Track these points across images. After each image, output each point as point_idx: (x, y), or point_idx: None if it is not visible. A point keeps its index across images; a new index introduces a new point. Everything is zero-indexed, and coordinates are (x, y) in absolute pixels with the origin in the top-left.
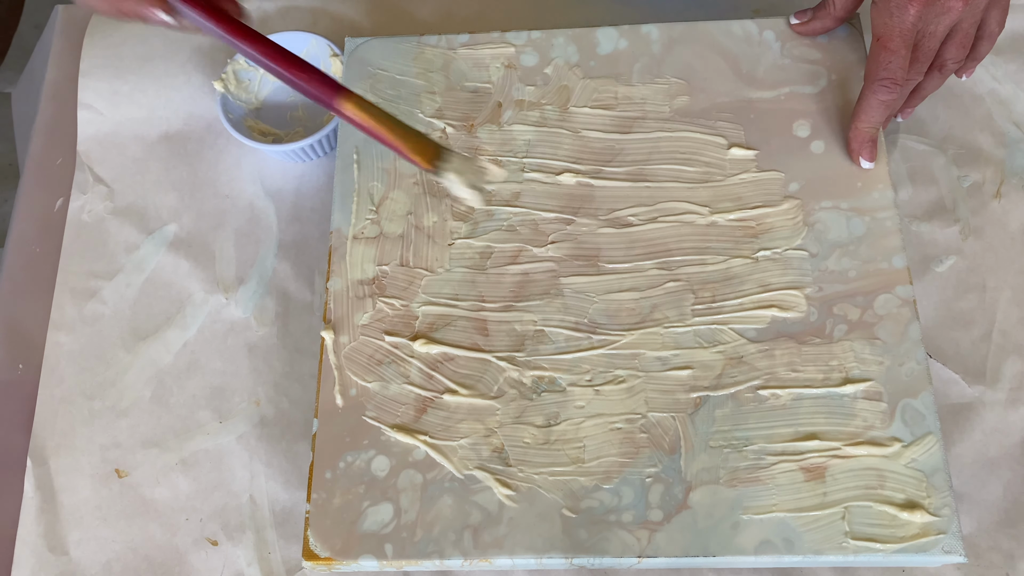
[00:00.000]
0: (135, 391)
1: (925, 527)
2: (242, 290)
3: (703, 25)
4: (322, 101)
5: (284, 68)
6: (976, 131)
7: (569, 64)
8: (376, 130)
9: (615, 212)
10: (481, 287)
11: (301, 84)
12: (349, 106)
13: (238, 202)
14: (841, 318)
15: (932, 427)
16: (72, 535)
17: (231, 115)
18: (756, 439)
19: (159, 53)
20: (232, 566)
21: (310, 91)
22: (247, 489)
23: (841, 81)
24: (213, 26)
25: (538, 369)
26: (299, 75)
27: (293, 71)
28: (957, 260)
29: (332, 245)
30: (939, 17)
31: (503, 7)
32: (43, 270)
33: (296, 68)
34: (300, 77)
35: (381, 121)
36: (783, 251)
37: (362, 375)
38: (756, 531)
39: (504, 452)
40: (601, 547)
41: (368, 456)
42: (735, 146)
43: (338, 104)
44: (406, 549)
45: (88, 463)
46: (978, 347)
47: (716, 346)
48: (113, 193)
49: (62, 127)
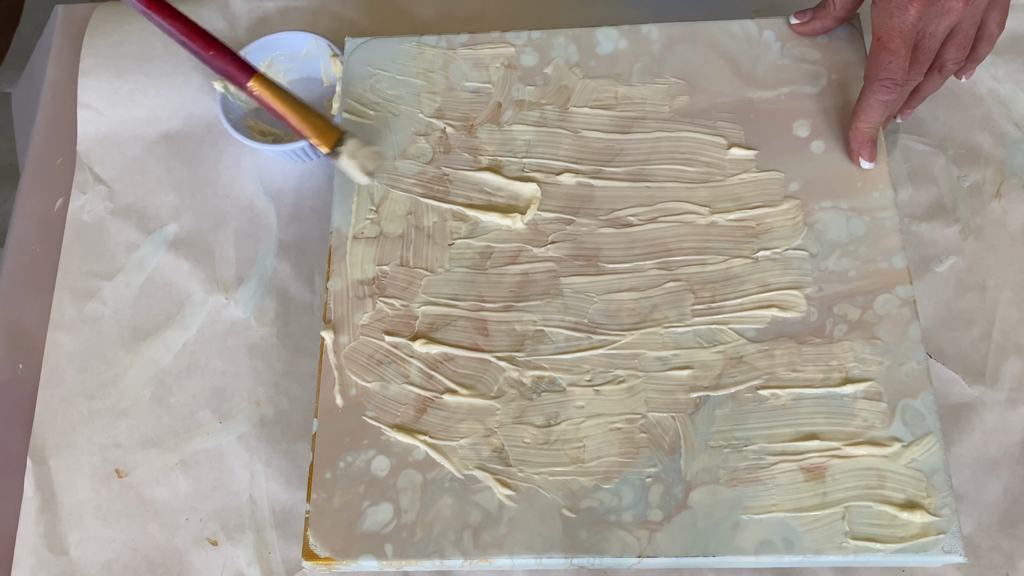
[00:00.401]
0: (135, 391)
1: (925, 527)
2: (242, 290)
3: (703, 25)
4: (232, 78)
5: (196, 44)
6: (976, 131)
7: (569, 64)
8: (281, 111)
9: (615, 212)
10: (481, 287)
11: (212, 61)
12: (256, 86)
13: (238, 202)
14: (841, 318)
15: (932, 427)
16: (72, 535)
17: (231, 115)
18: (756, 439)
19: (159, 53)
20: (232, 566)
21: (220, 67)
22: (247, 489)
23: (841, 81)
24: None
25: (538, 369)
26: (210, 51)
27: (204, 47)
28: (957, 260)
29: (332, 245)
30: (939, 18)
31: (503, 7)
32: (43, 270)
33: (207, 45)
34: (211, 54)
35: (287, 103)
36: (783, 251)
37: (362, 375)
38: (756, 531)
39: (504, 452)
40: (601, 547)
41: (368, 456)
42: (735, 146)
43: (247, 83)
44: (406, 549)
45: (88, 463)
46: (978, 347)
47: (716, 346)
48: (113, 193)
49: (62, 127)
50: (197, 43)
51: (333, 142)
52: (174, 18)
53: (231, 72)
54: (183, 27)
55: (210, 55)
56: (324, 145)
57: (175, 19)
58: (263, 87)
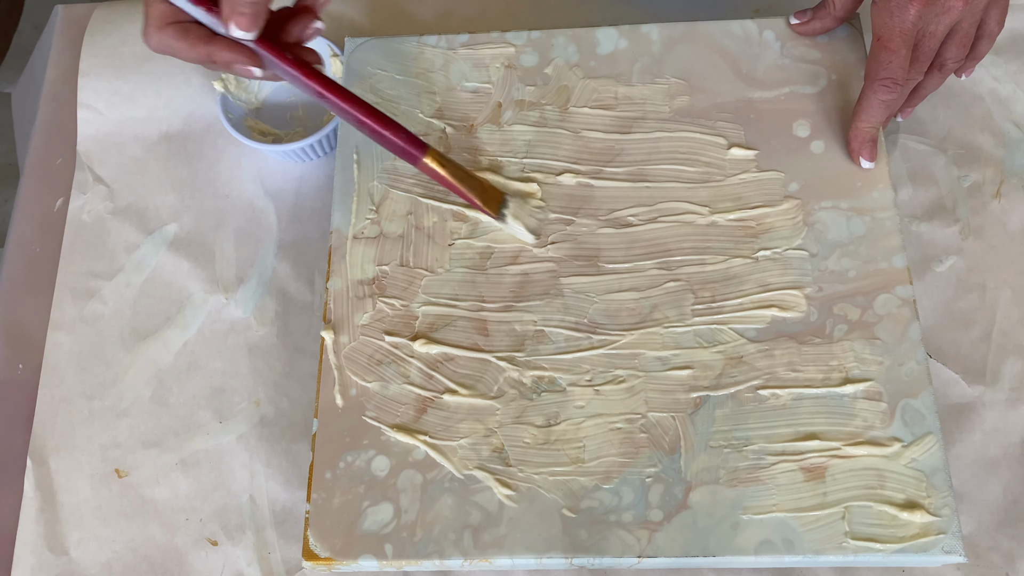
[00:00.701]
0: (135, 391)
1: (925, 527)
2: (242, 290)
3: (703, 25)
4: (407, 156)
5: (371, 121)
6: (976, 131)
7: (569, 64)
8: (453, 183)
9: (615, 212)
10: (481, 287)
11: (387, 137)
12: (430, 161)
13: (238, 202)
14: (841, 318)
15: (932, 427)
16: (72, 535)
17: (231, 115)
18: (756, 439)
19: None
20: (232, 566)
21: (395, 145)
22: (247, 489)
23: (841, 81)
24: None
25: (538, 369)
26: (385, 129)
27: (379, 124)
28: (957, 260)
29: (332, 245)
30: (939, 17)
31: (503, 7)
32: (43, 270)
33: (382, 123)
34: (386, 131)
35: (456, 175)
36: (783, 251)
37: (362, 375)
38: (756, 531)
39: (504, 452)
40: (601, 547)
41: (368, 456)
42: (735, 146)
43: (422, 158)
44: (406, 549)
45: (88, 463)
46: (978, 347)
47: (716, 346)
48: (113, 193)
49: (62, 127)
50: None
51: (498, 205)
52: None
53: (406, 150)
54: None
55: (387, 134)
56: (492, 210)
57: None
58: (436, 162)
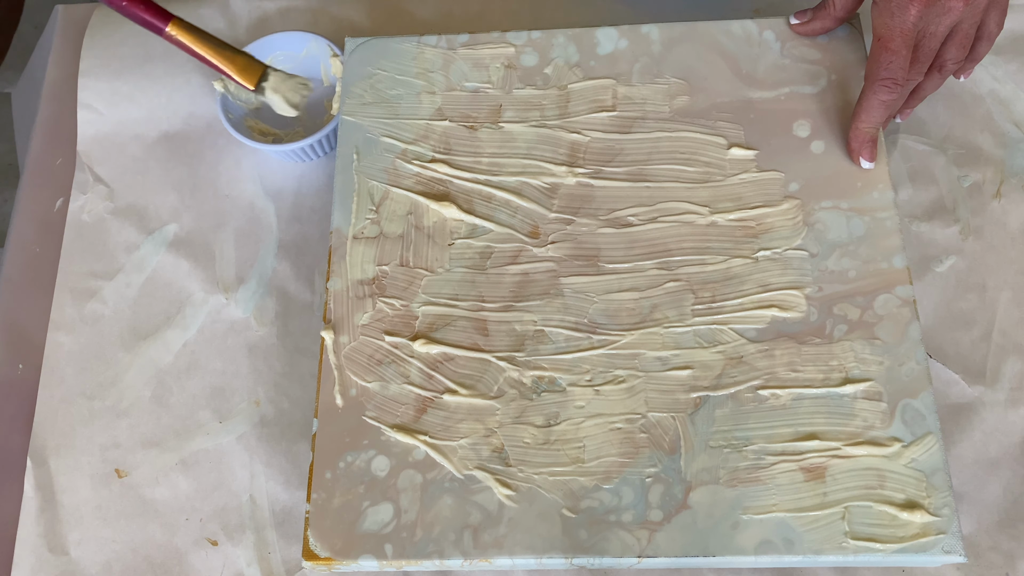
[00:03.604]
0: (135, 391)
1: (925, 527)
2: (242, 290)
3: (703, 25)
4: (149, 25)
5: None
6: (976, 131)
7: (569, 64)
8: (202, 53)
9: (615, 212)
10: (481, 287)
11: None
12: (175, 30)
13: (238, 202)
14: (841, 318)
15: (932, 427)
16: (72, 535)
17: (231, 115)
18: (756, 439)
19: (159, 53)
20: (232, 566)
21: (137, 15)
22: (247, 489)
23: (841, 81)
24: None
25: (538, 369)
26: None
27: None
28: (957, 260)
29: (332, 245)
30: (940, 17)
31: (503, 7)
32: (43, 270)
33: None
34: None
35: (207, 44)
36: (783, 251)
37: (362, 375)
38: (756, 531)
39: (504, 452)
40: (601, 547)
41: (368, 456)
42: (735, 146)
43: (166, 28)
44: (406, 549)
45: (88, 463)
46: (978, 347)
47: (716, 346)
48: (113, 193)
49: (62, 127)
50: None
51: (257, 78)
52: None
53: (147, 20)
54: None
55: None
56: (248, 82)
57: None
58: (181, 30)
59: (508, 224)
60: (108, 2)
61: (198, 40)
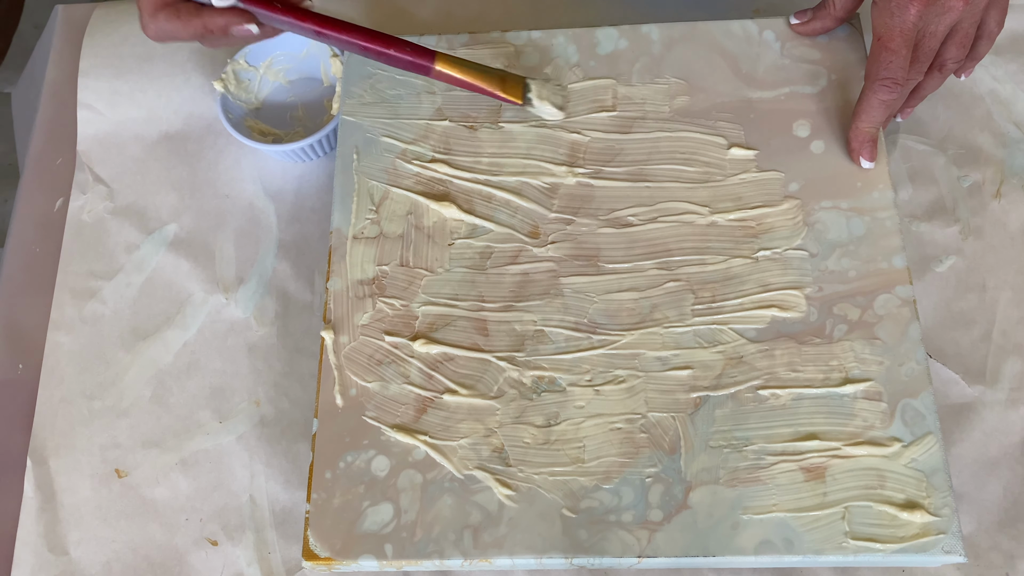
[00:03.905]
0: (135, 391)
1: (925, 527)
2: (242, 290)
3: (703, 25)
4: (418, 68)
5: (376, 45)
6: (976, 131)
7: (569, 64)
8: (470, 83)
9: (615, 212)
10: (481, 287)
11: (394, 55)
12: (443, 65)
13: (238, 202)
14: (841, 318)
15: (932, 427)
16: (72, 535)
17: (231, 115)
18: (756, 439)
19: (159, 53)
20: (232, 566)
21: (405, 60)
22: (247, 489)
23: (841, 81)
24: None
25: (538, 369)
26: (391, 48)
27: (384, 46)
28: (957, 260)
29: (332, 245)
30: (940, 17)
31: (503, 7)
32: (43, 270)
33: (385, 43)
34: (392, 50)
35: (472, 74)
36: (783, 251)
37: (362, 375)
38: (756, 531)
39: (504, 452)
40: (601, 547)
41: (368, 456)
42: (735, 146)
43: (433, 65)
44: (406, 549)
45: (88, 463)
46: (978, 347)
47: (716, 346)
48: (113, 193)
49: (62, 127)
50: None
51: (521, 91)
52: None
53: (415, 63)
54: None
55: (392, 52)
56: (516, 97)
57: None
58: (448, 65)
59: (508, 224)
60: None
61: (465, 70)
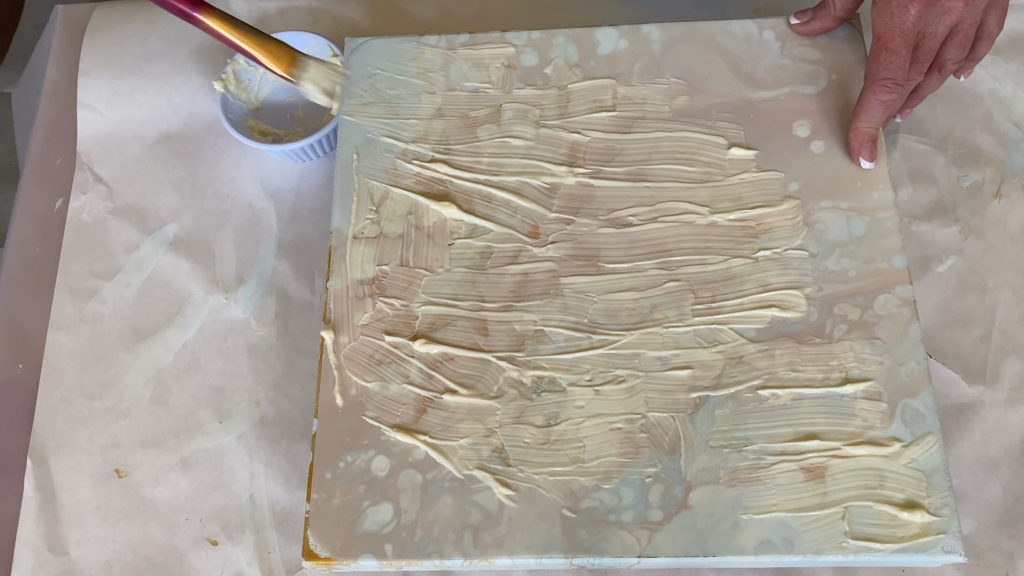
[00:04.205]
0: (135, 391)
1: (925, 527)
2: (242, 290)
3: (703, 25)
4: (182, 13)
5: None
6: (976, 131)
7: (569, 64)
8: (235, 40)
9: (615, 212)
10: (481, 287)
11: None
12: (208, 17)
13: (238, 202)
14: (841, 318)
15: (932, 427)
16: (72, 535)
17: (231, 115)
18: (756, 439)
19: (159, 53)
20: (232, 566)
21: (170, 4)
22: (247, 489)
23: (841, 81)
24: None
25: (538, 369)
26: None
27: None
28: (957, 260)
29: (332, 245)
30: (940, 17)
31: (503, 7)
32: (43, 270)
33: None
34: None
35: (240, 31)
36: (783, 251)
37: (362, 375)
38: (756, 531)
39: (504, 452)
40: (601, 547)
41: (368, 456)
42: (735, 146)
43: (198, 15)
44: (406, 549)
45: (88, 463)
46: (978, 347)
47: (716, 346)
48: (113, 193)
49: (62, 127)
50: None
51: (288, 65)
52: None
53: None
54: None
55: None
56: (279, 67)
57: None
58: (215, 18)
59: (508, 224)
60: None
61: (229, 26)
